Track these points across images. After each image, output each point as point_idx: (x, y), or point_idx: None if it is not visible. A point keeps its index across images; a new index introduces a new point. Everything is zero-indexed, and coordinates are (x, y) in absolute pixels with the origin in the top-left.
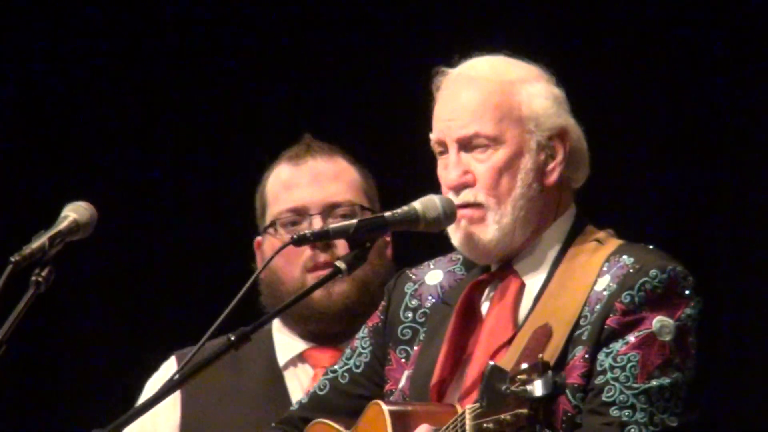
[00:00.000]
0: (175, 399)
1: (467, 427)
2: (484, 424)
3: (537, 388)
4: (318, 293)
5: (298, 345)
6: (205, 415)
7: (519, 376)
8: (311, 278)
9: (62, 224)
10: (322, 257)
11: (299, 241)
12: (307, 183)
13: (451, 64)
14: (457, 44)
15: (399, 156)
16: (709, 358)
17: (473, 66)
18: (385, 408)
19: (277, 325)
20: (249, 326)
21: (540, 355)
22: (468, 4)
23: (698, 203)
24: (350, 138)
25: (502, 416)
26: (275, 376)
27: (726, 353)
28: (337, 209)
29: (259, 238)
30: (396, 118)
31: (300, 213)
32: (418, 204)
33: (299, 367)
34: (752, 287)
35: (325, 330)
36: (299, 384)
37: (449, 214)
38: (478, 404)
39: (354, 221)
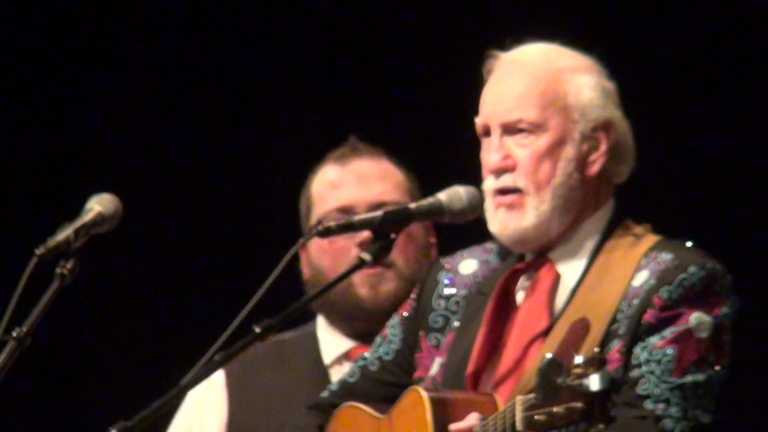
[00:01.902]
0: (221, 396)
1: (517, 419)
2: (536, 416)
3: (594, 382)
4: (364, 292)
5: (344, 343)
6: (252, 413)
7: (575, 370)
8: (357, 278)
9: (87, 216)
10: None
11: (325, 232)
12: (353, 183)
13: (503, 47)
14: (508, 32)
15: (428, 149)
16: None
17: (524, 52)
18: (425, 395)
19: (322, 324)
20: (274, 318)
21: (596, 349)
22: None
23: (732, 201)
24: (378, 131)
25: (554, 409)
26: (321, 375)
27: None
28: (384, 208)
29: (302, 240)
30: (427, 113)
31: (347, 212)
32: (443, 195)
33: (345, 366)
34: None
35: (371, 329)
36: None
37: (474, 206)
38: (530, 395)
39: (379, 213)
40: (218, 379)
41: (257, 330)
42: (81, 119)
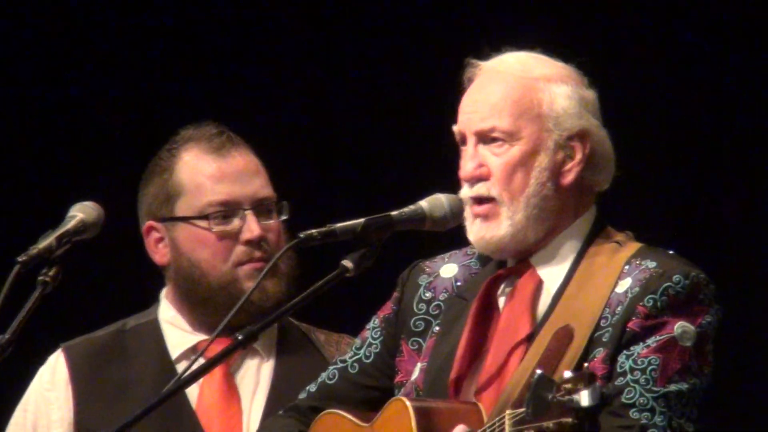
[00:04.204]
0: (67, 392)
1: None
2: (525, 431)
3: (584, 398)
4: (249, 285)
5: (191, 337)
6: (99, 410)
7: (565, 385)
8: (242, 272)
9: (69, 224)
10: (258, 253)
11: (306, 240)
12: (236, 177)
13: (483, 56)
14: (488, 40)
15: (405, 155)
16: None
17: (502, 61)
18: (409, 404)
19: (167, 314)
20: (255, 325)
21: (585, 365)
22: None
23: (711, 209)
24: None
25: (544, 424)
26: (167, 370)
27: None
28: (265, 204)
29: (155, 224)
30: (407, 118)
31: (231, 206)
32: (424, 203)
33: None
34: (762, 295)
35: (240, 322)
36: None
37: (456, 213)
38: (519, 410)
39: (361, 220)
40: (62, 374)
41: (239, 337)
42: (63, 127)
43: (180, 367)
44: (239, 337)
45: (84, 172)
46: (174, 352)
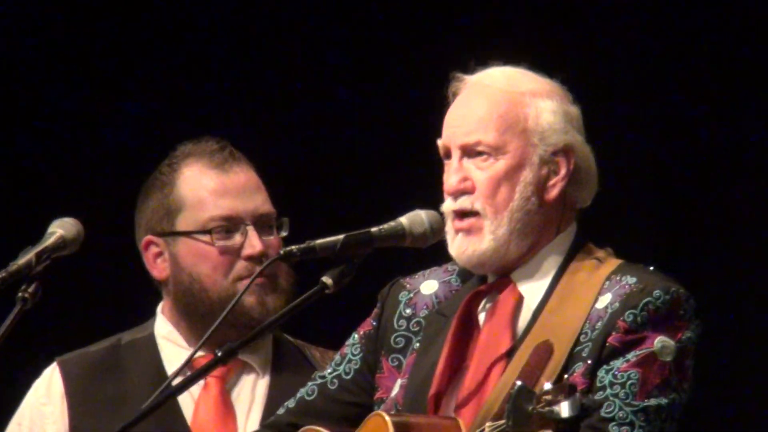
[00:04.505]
0: (62, 406)
1: None
2: None
3: (564, 409)
4: (251, 301)
5: (188, 353)
6: (94, 424)
7: (545, 397)
8: (243, 287)
9: (49, 240)
10: (258, 268)
11: (286, 257)
12: (238, 192)
13: (469, 70)
14: (476, 54)
15: (391, 172)
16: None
17: (488, 75)
18: (389, 419)
19: (163, 329)
20: (236, 342)
21: (566, 377)
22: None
23: (691, 226)
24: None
25: None
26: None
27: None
28: (266, 219)
29: (154, 238)
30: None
31: (233, 221)
32: (404, 219)
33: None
34: (744, 309)
35: (240, 337)
36: (189, 393)
37: (436, 230)
38: (500, 422)
39: (340, 237)
40: (57, 388)
41: (219, 354)
42: (43, 144)
43: (175, 383)
44: (218, 354)
45: (64, 188)
46: (170, 367)
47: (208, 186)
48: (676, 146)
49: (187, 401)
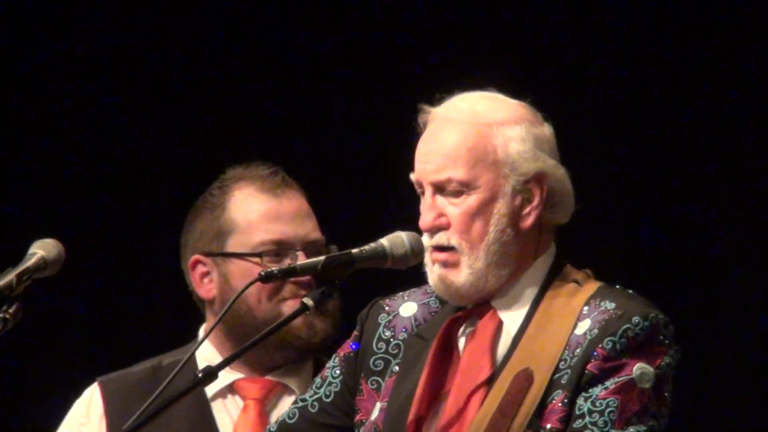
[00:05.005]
0: (101, 428)
1: None
2: None
3: None
4: (299, 323)
5: (228, 376)
6: None
7: None
8: (287, 308)
9: (30, 261)
10: (303, 292)
11: (267, 278)
12: (290, 218)
13: (434, 101)
14: (444, 81)
15: (370, 194)
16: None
17: (453, 107)
18: None
19: (205, 352)
20: (216, 363)
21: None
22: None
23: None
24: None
25: None
26: (202, 408)
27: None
28: (315, 246)
29: (202, 258)
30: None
31: (283, 246)
32: (385, 241)
33: (228, 399)
34: (717, 332)
35: (287, 360)
36: (228, 416)
37: (417, 252)
38: None
39: (321, 258)
40: (97, 408)
41: (199, 374)
42: (23, 163)
43: (215, 405)
44: (199, 374)
45: (46, 210)
46: (209, 390)
47: (259, 210)
48: (656, 160)
49: (225, 422)
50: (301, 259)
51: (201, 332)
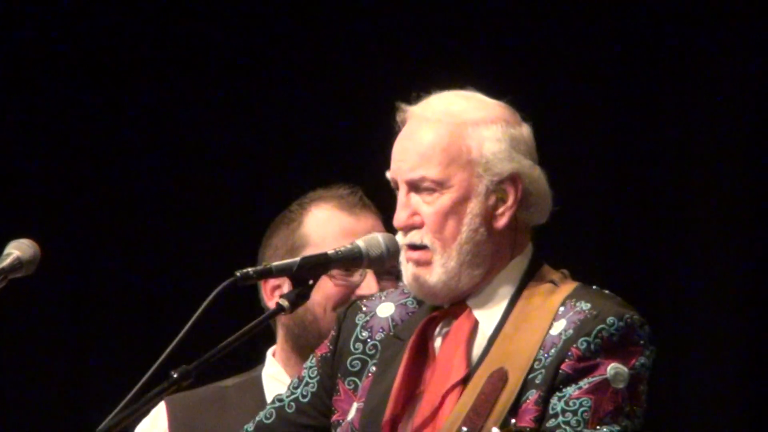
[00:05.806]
0: None
1: None
2: None
3: None
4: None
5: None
6: None
7: None
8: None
9: (5, 261)
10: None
11: (243, 278)
12: (363, 235)
13: (411, 99)
14: (423, 79)
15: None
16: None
17: (429, 106)
18: None
19: (271, 371)
20: (191, 364)
21: (513, 421)
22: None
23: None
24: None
25: None
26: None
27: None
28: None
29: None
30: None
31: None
32: (361, 242)
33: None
34: (693, 332)
35: None
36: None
37: (392, 253)
38: None
39: (297, 259)
40: (162, 426)
41: (174, 375)
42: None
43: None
44: (173, 375)
45: (21, 210)
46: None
47: (334, 226)
48: (634, 161)
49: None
50: (371, 277)
51: (269, 353)
